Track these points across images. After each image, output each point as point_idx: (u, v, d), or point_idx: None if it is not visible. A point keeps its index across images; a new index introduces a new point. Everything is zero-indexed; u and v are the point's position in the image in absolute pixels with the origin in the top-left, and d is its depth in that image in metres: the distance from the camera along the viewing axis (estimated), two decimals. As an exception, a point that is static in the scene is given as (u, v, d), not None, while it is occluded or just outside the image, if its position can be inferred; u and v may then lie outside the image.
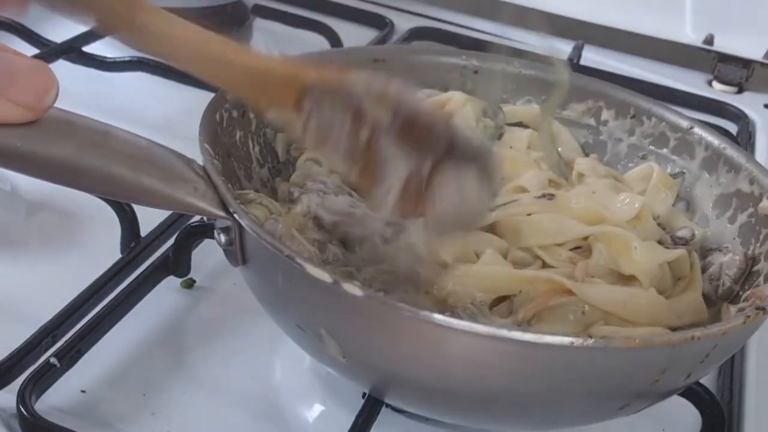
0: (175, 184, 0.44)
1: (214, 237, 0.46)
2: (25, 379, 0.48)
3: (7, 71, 0.39)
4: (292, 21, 0.97)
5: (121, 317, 0.54)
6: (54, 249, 0.62)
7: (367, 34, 1.00)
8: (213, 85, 0.48)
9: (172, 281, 0.59)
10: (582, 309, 0.47)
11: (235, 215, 0.44)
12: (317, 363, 0.54)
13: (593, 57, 1.01)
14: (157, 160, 0.45)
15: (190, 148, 0.45)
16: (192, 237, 0.59)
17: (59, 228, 0.63)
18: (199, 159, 0.47)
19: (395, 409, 0.51)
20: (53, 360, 0.49)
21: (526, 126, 0.62)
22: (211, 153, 0.48)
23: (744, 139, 0.89)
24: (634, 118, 0.62)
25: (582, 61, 0.96)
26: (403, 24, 1.03)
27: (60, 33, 0.83)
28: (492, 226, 0.53)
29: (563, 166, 0.61)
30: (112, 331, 0.53)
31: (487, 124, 0.61)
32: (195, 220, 0.61)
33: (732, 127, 0.92)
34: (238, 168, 0.54)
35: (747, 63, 1.01)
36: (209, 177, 0.46)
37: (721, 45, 1.01)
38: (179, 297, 0.59)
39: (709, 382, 0.55)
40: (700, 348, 0.42)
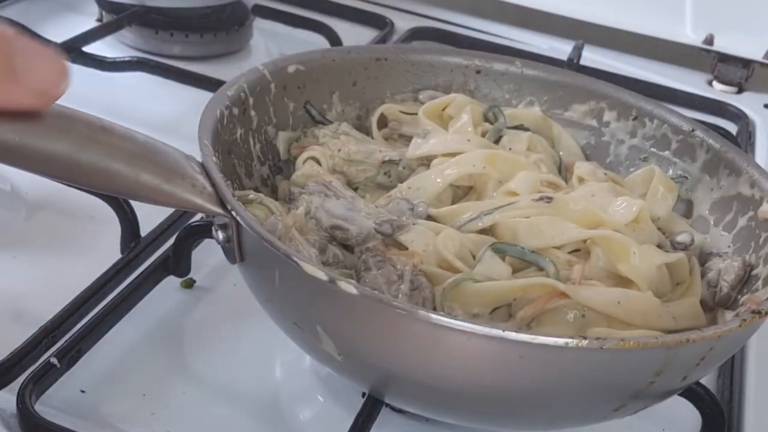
0: (174, 180, 0.44)
1: (212, 234, 0.46)
2: (25, 379, 0.48)
3: (22, 57, 0.38)
4: (292, 21, 0.97)
5: (121, 317, 0.54)
6: (54, 249, 0.62)
7: (367, 34, 1.00)
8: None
9: (172, 281, 0.59)
10: (582, 312, 0.47)
11: (232, 212, 0.44)
12: (317, 363, 0.54)
13: (593, 57, 1.01)
14: (155, 156, 0.45)
15: (191, 147, 0.45)
16: (192, 237, 0.58)
17: (59, 228, 0.63)
18: (199, 157, 0.47)
19: (395, 409, 0.51)
20: (53, 360, 0.49)
21: (526, 129, 0.62)
22: (210, 150, 0.48)
23: (744, 139, 0.89)
24: (636, 119, 0.62)
25: (582, 61, 0.96)
26: (403, 24, 1.03)
27: (60, 33, 0.83)
28: (490, 229, 0.53)
29: (563, 170, 0.61)
30: (112, 331, 0.53)
31: (487, 128, 0.61)
32: (195, 220, 0.61)
33: (732, 127, 0.92)
34: (238, 165, 0.54)
35: (747, 63, 1.01)
36: (208, 174, 0.46)
37: (721, 45, 1.01)
38: (179, 297, 0.59)
39: (709, 382, 0.55)
40: (695, 350, 0.42)
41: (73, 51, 0.81)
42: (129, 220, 0.59)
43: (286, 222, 0.48)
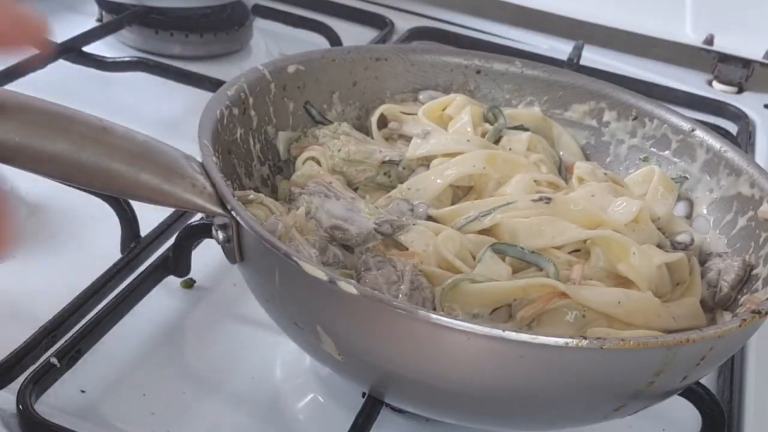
0: (173, 180, 0.44)
1: (212, 234, 0.46)
2: (25, 379, 0.48)
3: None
4: (292, 21, 0.97)
5: (121, 317, 0.54)
6: (54, 249, 0.62)
7: (367, 34, 1.00)
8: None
9: (172, 281, 0.59)
10: (582, 312, 0.47)
11: (232, 212, 0.44)
12: (317, 363, 0.54)
13: (593, 57, 1.01)
14: (155, 156, 0.45)
15: (191, 147, 0.45)
16: (192, 237, 0.58)
17: (59, 228, 0.63)
18: (199, 157, 0.47)
19: (395, 409, 0.51)
20: (53, 360, 0.49)
21: (526, 129, 0.62)
22: (210, 150, 0.48)
23: (744, 139, 0.89)
24: (636, 119, 0.62)
25: (582, 61, 0.96)
26: (403, 24, 1.03)
27: (60, 33, 0.83)
28: (490, 229, 0.53)
29: (563, 170, 0.61)
30: (112, 330, 0.53)
31: (487, 128, 0.61)
32: (195, 220, 0.61)
33: (732, 127, 0.92)
34: (238, 165, 0.54)
35: (747, 63, 1.01)
36: (208, 174, 0.46)
37: (721, 45, 1.01)
38: (179, 297, 0.59)
39: (709, 382, 0.55)
40: (695, 350, 0.42)
41: (73, 51, 0.81)
42: (129, 220, 0.59)
43: (286, 222, 0.48)
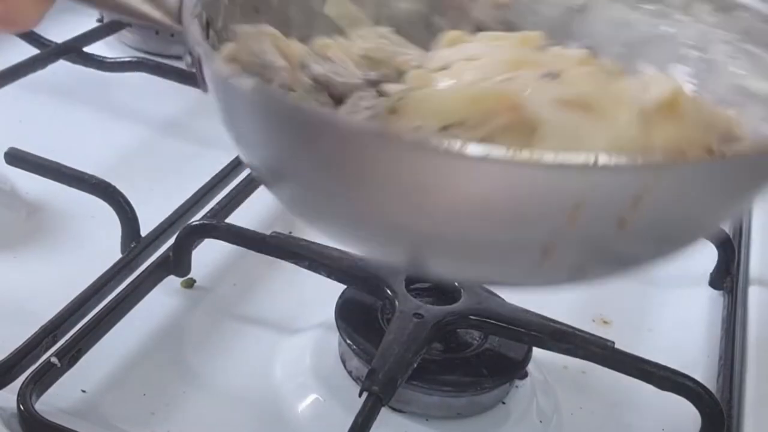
0: None
1: (182, 59, 0.43)
2: (25, 378, 0.48)
3: None
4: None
5: (121, 317, 0.54)
6: (54, 249, 0.62)
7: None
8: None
9: (172, 281, 0.59)
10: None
11: (185, 26, 0.39)
12: (317, 363, 0.54)
13: None
14: None
15: (191, 148, 0.45)
16: (192, 237, 0.59)
17: (59, 228, 0.64)
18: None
19: (395, 409, 0.51)
20: (54, 360, 0.49)
21: None
22: None
23: None
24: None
25: None
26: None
27: (60, 33, 0.83)
28: None
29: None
30: (113, 330, 0.53)
31: None
32: (195, 220, 0.61)
33: None
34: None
35: None
36: None
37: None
38: (179, 297, 0.59)
39: (709, 382, 0.55)
40: (623, 184, 0.33)
41: (73, 51, 0.81)
42: (129, 220, 0.59)
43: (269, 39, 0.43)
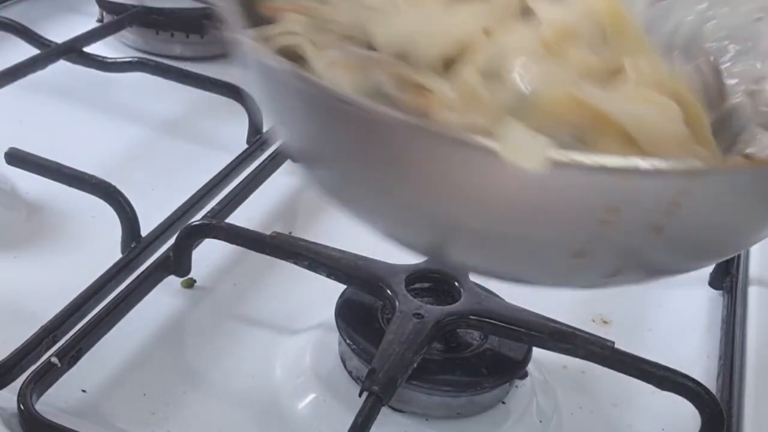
0: None
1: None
2: (25, 378, 0.48)
3: None
4: (293, 21, 0.97)
5: (121, 317, 0.54)
6: (54, 249, 0.62)
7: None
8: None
9: (173, 281, 0.59)
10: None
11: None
12: (317, 363, 0.54)
13: None
14: None
15: (191, 148, 0.45)
16: (192, 237, 0.59)
17: (59, 228, 0.64)
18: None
19: (395, 409, 0.51)
20: (54, 360, 0.49)
21: None
22: None
23: None
24: None
25: None
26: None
27: (60, 33, 0.83)
28: None
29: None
30: (113, 330, 0.53)
31: None
32: (195, 220, 0.61)
33: None
34: None
35: None
36: None
37: None
38: (179, 297, 0.59)
39: (709, 382, 0.55)
40: (661, 187, 0.32)
41: (73, 51, 0.81)
42: (129, 220, 0.59)
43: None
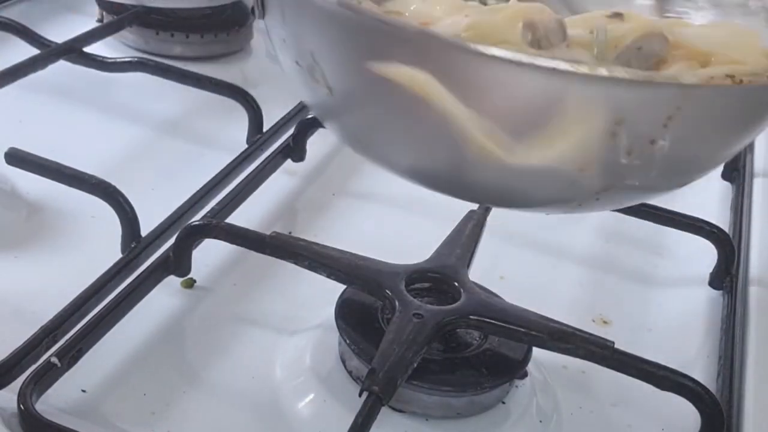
0: None
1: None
2: (25, 378, 0.48)
3: None
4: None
5: (121, 317, 0.54)
6: (54, 249, 0.62)
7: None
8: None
9: (173, 281, 0.59)
10: None
11: None
12: (317, 363, 0.54)
13: None
14: None
15: (191, 148, 0.45)
16: (192, 237, 0.59)
17: (59, 228, 0.64)
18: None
19: (395, 408, 0.51)
20: (54, 360, 0.49)
21: None
22: None
23: None
24: None
25: None
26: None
27: (60, 33, 0.83)
28: None
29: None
30: (113, 330, 0.53)
31: None
32: (195, 220, 0.61)
33: None
34: None
35: None
36: None
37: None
38: (179, 297, 0.59)
39: (709, 382, 0.55)
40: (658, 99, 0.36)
41: (73, 51, 0.81)
42: (129, 220, 0.59)
43: None
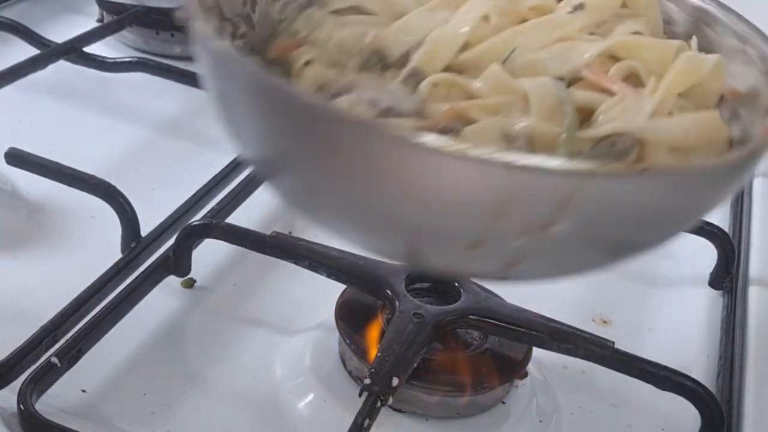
0: None
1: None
2: (25, 378, 0.48)
3: None
4: (293, 21, 0.97)
5: (121, 317, 0.54)
6: (54, 249, 0.62)
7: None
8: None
9: (173, 281, 0.59)
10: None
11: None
12: (317, 363, 0.54)
13: None
14: None
15: (191, 148, 0.45)
16: (192, 237, 0.59)
17: (59, 228, 0.64)
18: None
19: (395, 408, 0.51)
20: (54, 359, 0.49)
21: None
22: None
23: None
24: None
25: None
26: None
27: (60, 33, 0.83)
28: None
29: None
30: (113, 330, 0.53)
31: None
32: (195, 220, 0.61)
33: None
34: None
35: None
36: None
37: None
38: (179, 297, 0.59)
39: (709, 382, 0.55)
40: (548, 186, 0.33)
41: (73, 51, 0.81)
42: (129, 220, 0.59)
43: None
